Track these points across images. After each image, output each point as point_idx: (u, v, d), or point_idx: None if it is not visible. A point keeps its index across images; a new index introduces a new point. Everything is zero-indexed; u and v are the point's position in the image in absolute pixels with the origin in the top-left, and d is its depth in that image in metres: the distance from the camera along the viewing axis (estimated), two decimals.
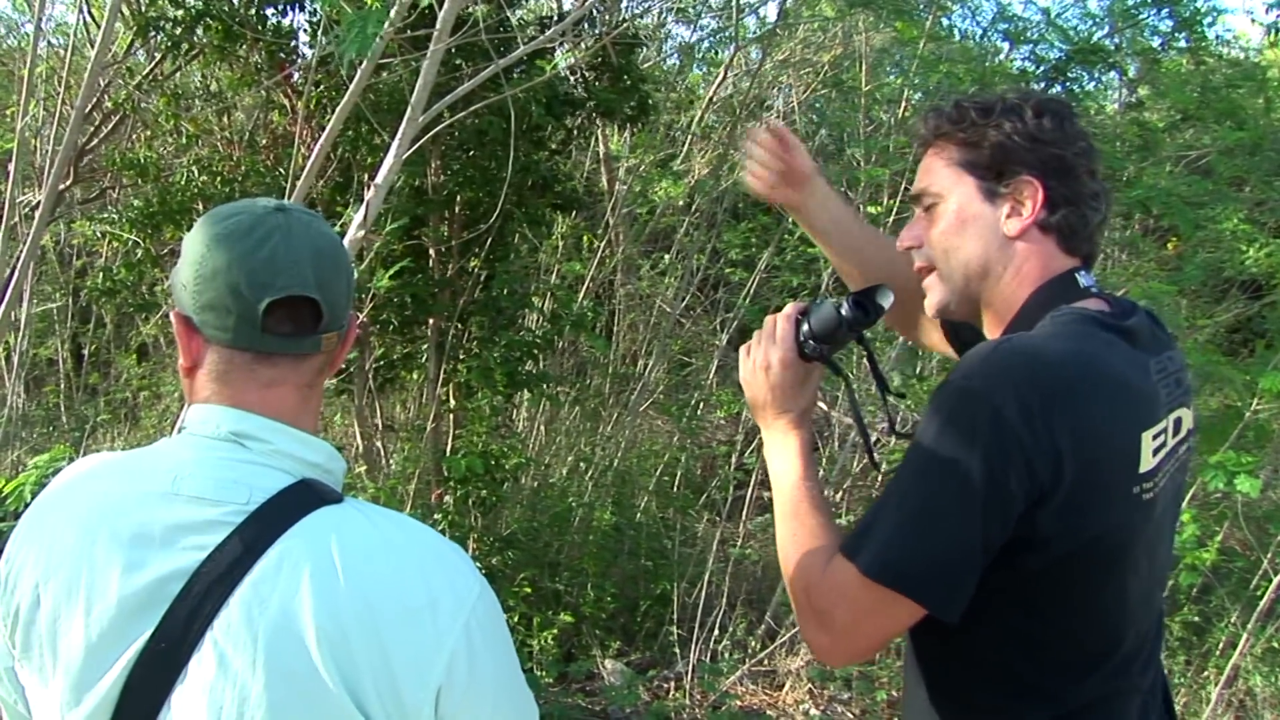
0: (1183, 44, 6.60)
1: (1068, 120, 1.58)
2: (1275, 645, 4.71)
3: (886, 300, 1.71)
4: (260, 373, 1.24)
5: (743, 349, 1.79)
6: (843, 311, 1.68)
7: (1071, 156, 1.56)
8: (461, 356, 5.34)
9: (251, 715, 1.09)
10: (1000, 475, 1.36)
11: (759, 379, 1.74)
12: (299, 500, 1.19)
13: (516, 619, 5.05)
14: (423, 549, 1.21)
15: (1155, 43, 6.57)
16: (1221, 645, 4.75)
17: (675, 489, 6.62)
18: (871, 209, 6.59)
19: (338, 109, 3.21)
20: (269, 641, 1.10)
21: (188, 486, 1.18)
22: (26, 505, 1.79)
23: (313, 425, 1.29)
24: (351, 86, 3.18)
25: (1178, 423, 1.56)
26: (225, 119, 5.80)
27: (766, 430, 1.76)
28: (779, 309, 1.76)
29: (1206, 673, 4.75)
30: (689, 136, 8.09)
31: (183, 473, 1.20)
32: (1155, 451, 1.48)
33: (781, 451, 1.71)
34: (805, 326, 1.71)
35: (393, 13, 2.90)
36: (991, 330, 1.65)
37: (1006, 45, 6.95)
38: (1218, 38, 6.90)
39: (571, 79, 5.65)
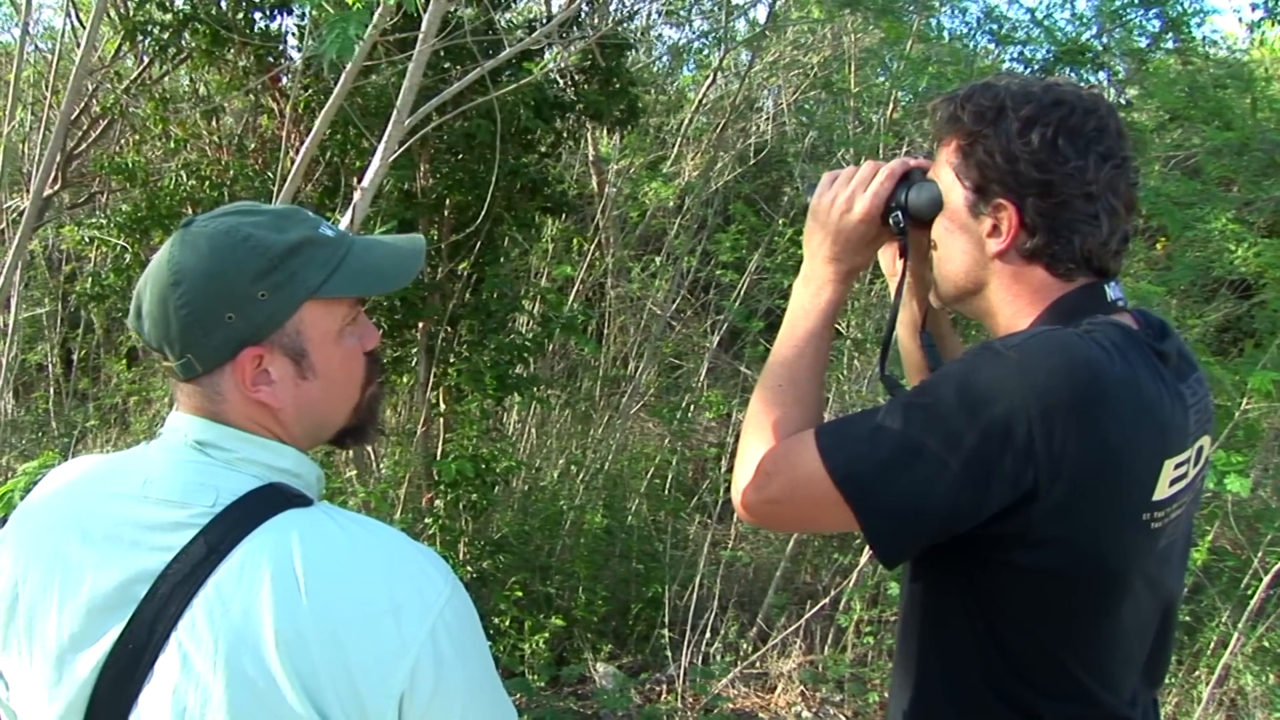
0: (1170, 44, 6.62)
1: (1064, 134, 1.44)
2: (1266, 644, 4.70)
3: None
4: (193, 388, 1.25)
5: (827, 175, 1.69)
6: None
7: (1059, 180, 1.43)
8: (451, 360, 5.33)
9: (213, 717, 1.09)
10: (995, 453, 1.32)
11: (832, 216, 1.64)
12: (265, 502, 1.18)
13: (508, 622, 5.04)
14: (389, 553, 1.19)
15: (1143, 43, 6.58)
16: (1213, 645, 4.75)
17: (666, 491, 6.61)
18: None
19: (323, 111, 3.20)
20: (230, 645, 1.10)
21: (157, 489, 1.19)
22: None
23: (285, 429, 1.28)
24: (336, 89, 3.17)
25: (1199, 452, 1.51)
26: (214, 123, 5.78)
27: (809, 263, 1.68)
28: (770, 310, 1.69)
29: (1198, 672, 4.75)
30: (679, 139, 8.10)
31: (152, 475, 1.21)
32: (1174, 481, 1.43)
33: (811, 300, 1.65)
34: (902, 195, 1.61)
35: (376, 15, 2.89)
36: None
37: (994, 46, 6.96)
38: (1205, 38, 6.92)
39: (560, 82, 5.65)
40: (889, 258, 1.82)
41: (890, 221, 1.62)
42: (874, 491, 1.39)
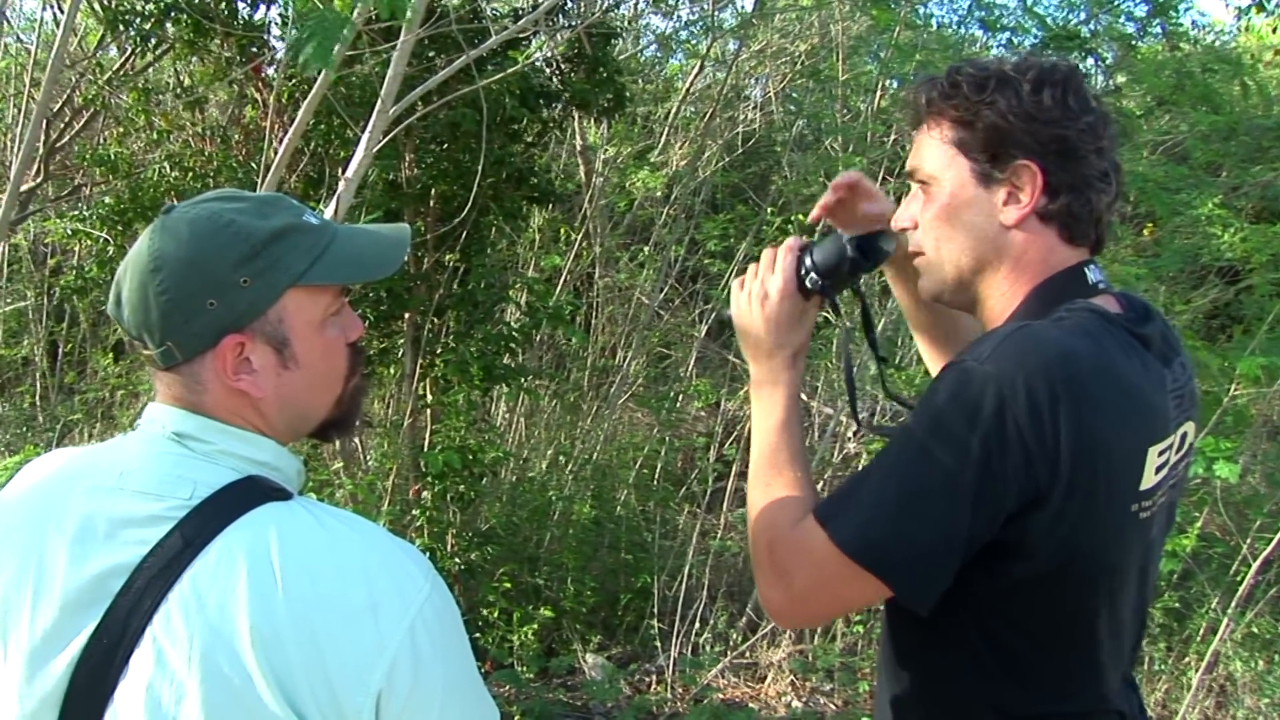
0: (1158, 30, 6.62)
1: (1072, 93, 1.44)
2: (1255, 630, 4.71)
3: (890, 245, 1.66)
4: (172, 377, 1.24)
5: (735, 282, 1.70)
6: (847, 252, 1.62)
7: (1075, 135, 1.43)
8: (438, 351, 5.30)
9: (187, 714, 1.07)
10: (997, 466, 1.30)
11: (754, 311, 1.65)
12: (242, 496, 1.16)
13: (496, 614, 5.03)
14: (368, 548, 1.17)
15: (1130, 29, 6.57)
16: (1202, 631, 4.75)
17: (655, 482, 6.59)
18: None
19: (306, 101, 3.18)
20: (205, 641, 1.08)
21: (133, 481, 1.18)
22: None
23: (266, 420, 1.26)
24: (320, 79, 3.14)
25: (1183, 438, 1.50)
26: (197, 114, 5.74)
27: (755, 368, 1.67)
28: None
29: (1187, 659, 4.75)
30: (666, 128, 8.07)
31: (129, 468, 1.19)
32: (1159, 469, 1.42)
33: (769, 392, 1.63)
34: (808, 260, 1.63)
35: (355, 12, 2.85)
36: (988, 326, 1.55)
37: (982, 33, 6.95)
38: (1193, 23, 6.94)
39: (546, 71, 5.62)
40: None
41: (808, 284, 1.64)
42: (895, 553, 1.36)
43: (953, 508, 1.32)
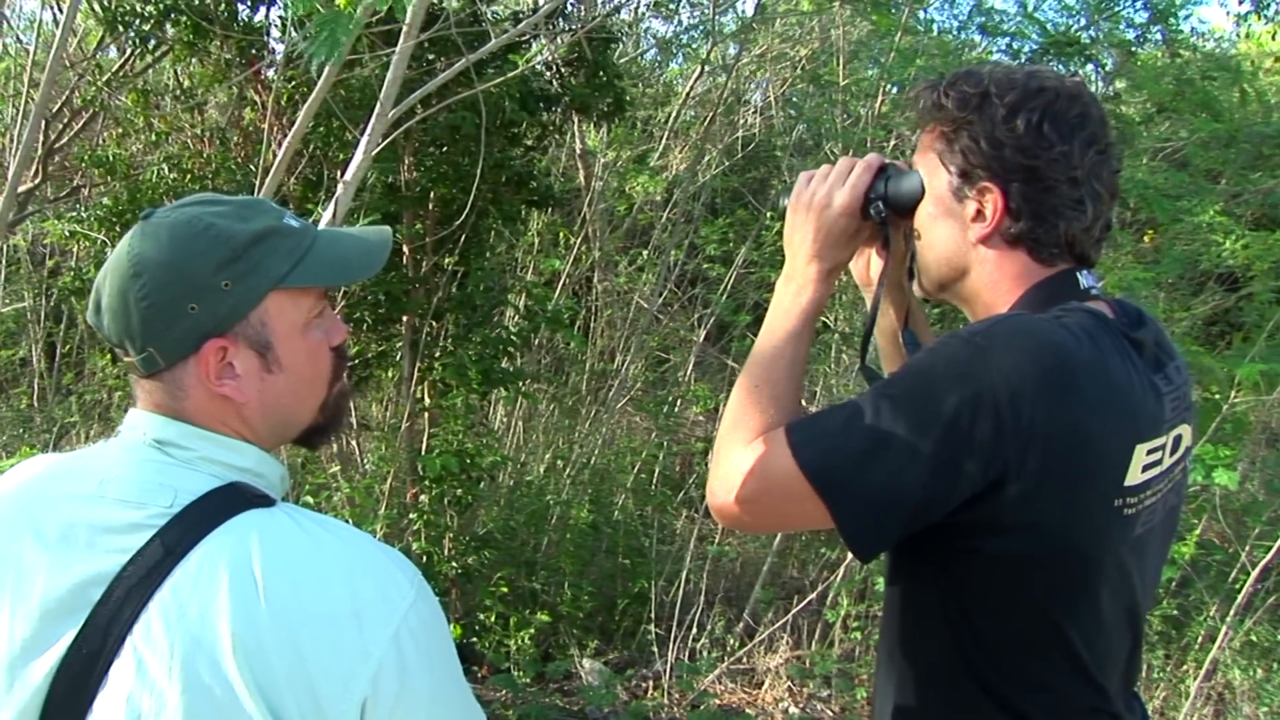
0: (1158, 36, 6.62)
1: (1049, 120, 1.43)
2: (1254, 638, 4.70)
3: None
4: (154, 384, 1.23)
5: (804, 174, 1.67)
6: (923, 192, 1.57)
7: (1044, 165, 1.43)
8: (436, 354, 5.29)
9: None
10: (964, 435, 1.32)
11: (810, 216, 1.62)
12: (224, 503, 1.15)
13: (493, 619, 5.02)
14: (352, 554, 1.16)
15: (1130, 35, 6.57)
16: (1200, 639, 4.74)
17: (653, 486, 6.59)
18: None
19: (306, 105, 3.17)
20: (185, 649, 1.07)
21: (113, 489, 1.16)
22: None
23: (249, 425, 1.25)
24: (320, 82, 3.13)
25: (1177, 440, 1.49)
26: (196, 116, 5.73)
27: (790, 266, 1.65)
28: (757, 304, 1.67)
29: (1185, 666, 4.74)
30: (666, 132, 8.07)
31: (109, 475, 1.18)
32: (1147, 467, 1.42)
33: (792, 300, 1.62)
34: (881, 186, 1.60)
35: (359, 10, 2.84)
36: None
37: (981, 38, 6.95)
38: (1192, 30, 6.94)
39: (547, 74, 5.62)
40: (861, 267, 1.84)
41: (871, 212, 1.61)
42: (846, 484, 1.37)
43: (910, 464, 1.33)
